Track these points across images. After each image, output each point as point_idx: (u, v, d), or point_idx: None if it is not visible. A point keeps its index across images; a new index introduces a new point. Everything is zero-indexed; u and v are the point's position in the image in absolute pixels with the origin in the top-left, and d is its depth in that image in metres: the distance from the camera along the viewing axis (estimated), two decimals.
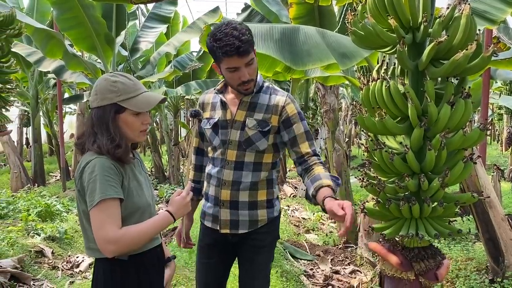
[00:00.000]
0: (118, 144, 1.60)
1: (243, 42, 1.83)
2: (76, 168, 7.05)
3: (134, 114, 1.65)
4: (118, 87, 1.62)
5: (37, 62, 5.79)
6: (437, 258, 1.43)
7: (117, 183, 1.56)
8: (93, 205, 1.51)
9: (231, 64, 1.88)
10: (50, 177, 10.91)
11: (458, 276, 3.58)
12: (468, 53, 1.32)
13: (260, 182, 2.08)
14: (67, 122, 16.73)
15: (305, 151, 1.97)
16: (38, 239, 4.77)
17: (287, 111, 2.00)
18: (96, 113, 1.63)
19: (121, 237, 1.51)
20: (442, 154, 1.35)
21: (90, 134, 1.64)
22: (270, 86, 2.09)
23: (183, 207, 1.70)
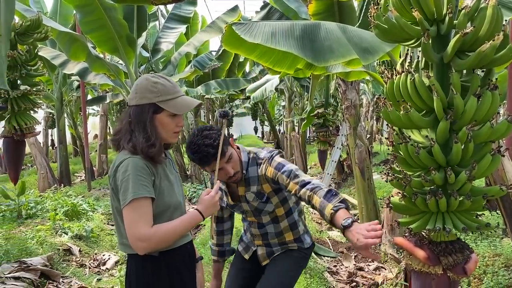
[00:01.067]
0: (153, 143, 1.64)
1: (216, 147, 1.99)
2: (99, 168, 7.14)
3: (171, 116, 1.69)
4: (158, 88, 1.67)
5: (61, 65, 5.91)
6: (465, 252, 1.41)
7: (149, 182, 1.60)
8: (125, 204, 1.55)
9: (214, 167, 2.02)
10: (75, 177, 11.13)
11: (486, 272, 3.52)
12: (495, 44, 1.30)
13: (283, 229, 2.36)
14: (91, 123, 17.03)
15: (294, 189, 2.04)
16: (66, 237, 4.88)
17: (268, 175, 2.17)
18: (134, 111, 1.67)
19: (152, 235, 1.55)
20: (469, 147, 1.33)
21: (127, 131, 1.68)
22: (254, 156, 2.25)
23: (212, 206, 1.73)
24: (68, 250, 4.67)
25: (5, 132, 3.67)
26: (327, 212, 1.74)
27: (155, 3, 3.05)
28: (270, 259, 2.41)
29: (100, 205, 6.80)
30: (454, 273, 1.39)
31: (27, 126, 3.61)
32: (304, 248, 2.41)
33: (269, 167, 2.17)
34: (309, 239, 2.45)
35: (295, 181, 2.05)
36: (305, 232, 2.45)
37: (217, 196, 1.75)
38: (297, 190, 2.01)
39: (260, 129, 26.62)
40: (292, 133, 11.25)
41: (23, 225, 5.19)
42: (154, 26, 9.10)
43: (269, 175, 2.16)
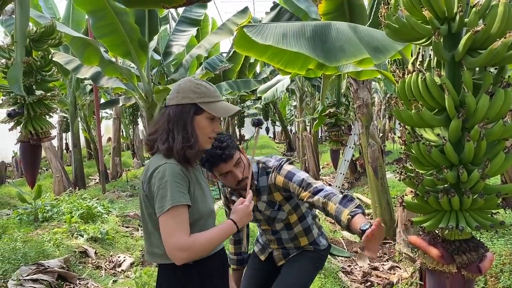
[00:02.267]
0: (192, 145, 1.62)
1: (224, 149, 2.02)
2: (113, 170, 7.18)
3: (209, 119, 1.67)
4: (201, 90, 1.67)
5: (75, 70, 5.99)
6: (480, 250, 1.40)
7: (185, 189, 1.57)
8: (163, 211, 1.51)
9: (222, 170, 2.07)
10: (89, 180, 11.25)
11: (503, 271, 3.48)
12: (507, 41, 1.30)
13: (297, 234, 2.35)
14: (104, 126, 17.21)
15: (307, 198, 2.04)
16: (82, 240, 4.94)
17: (278, 183, 2.17)
18: (174, 110, 1.65)
19: (191, 245, 1.52)
20: (482, 145, 1.33)
21: (164, 131, 1.64)
22: (263, 166, 2.26)
23: (246, 216, 1.71)
24: (84, 252, 4.72)
25: (21, 137, 3.74)
26: (344, 218, 1.75)
27: (166, 7, 3.08)
28: (286, 260, 2.41)
29: (115, 207, 6.87)
30: (468, 272, 1.39)
31: (43, 130, 3.67)
32: (320, 250, 2.42)
33: (278, 176, 2.17)
34: (324, 241, 2.45)
35: (308, 190, 2.05)
36: (319, 234, 2.44)
37: (251, 206, 1.73)
38: (310, 198, 2.01)
39: (272, 130, 26.61)
40: (304, 133, 11.22)
41: (40, 228, 5.27)
42: (165, 30, 9.17)
43: (279, 184, 2.16)
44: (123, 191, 8.90)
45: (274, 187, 2.21)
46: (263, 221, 2.35)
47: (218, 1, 17.25)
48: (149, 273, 4.28)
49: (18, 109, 3.65)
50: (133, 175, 11.02)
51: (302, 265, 2.35)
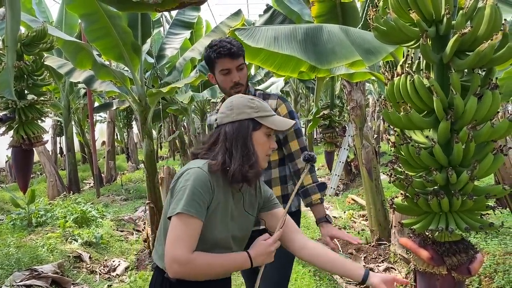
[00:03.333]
0: (253, 164, 1.54)
1: (234, 46, 2.08)
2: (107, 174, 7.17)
3: (266, 135, 1.60)
4: (256, 104, 1.60)
5: (68, 74, 5.96)
6: (470, 252, 1.41)
7: (204, 202, 1.48)
8: (173, 214, 1.45)
9: (223, 65, 2.08)
10: (84, 184, 11.21)
11: (497, 271, 3.49)
12: (493, 44, 1.30)
13: (272, 180, 2.23)
14: (98, 130, 17.17)
15: (295, 149, 2.16)
16: (76, 244, 4.93)
17: (280, 112, 2.16)
18: (231, 127, 1.56)
19: (189, 262, 1.42)
20: (470, 147, 1.33)
21: (220, 151, 1.55)
22: (262, 93, 2.27)
23: (265, 255, 1.57)
24: (78, 257, 4.71)
25: (13, 142, 3.71)
26: (314, 198, 2.11)
27: (159, 10, 3.07)
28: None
29: (109, 212, 6.85)
30: (458, 273, 1.39)
31: (35, 135, 3.65)
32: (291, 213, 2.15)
33: (283, 105, 2.18)
34: (297, 201, 2.32)
35: (299, 139, 2.14)
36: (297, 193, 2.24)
37: (274, 246, 1.58)
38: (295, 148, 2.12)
39: None
40: None
41: (34, 233, 5.25)
42: (159, 33, 9.17)
43: (281, 112, 2.15)
44: (118, 195, 8.88)
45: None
46: None
47: (212, 3, 17.26)
48: (144, 277, 4.27)
49: (9, 113, 3.63)
50: (128, 178, 10.99)
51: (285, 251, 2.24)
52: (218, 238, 1.54)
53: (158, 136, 18.43)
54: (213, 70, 2.16)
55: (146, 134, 5.13)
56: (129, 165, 13.55)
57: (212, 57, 2.09)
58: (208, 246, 1.51)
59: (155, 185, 5.03)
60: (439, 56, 1.44)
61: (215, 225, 1.53)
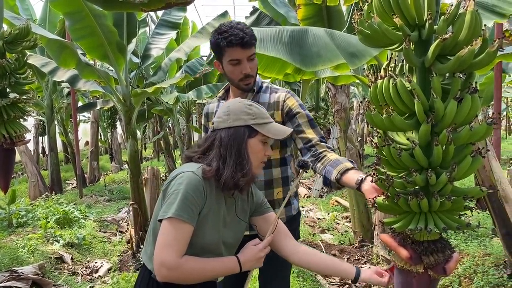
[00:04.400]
0: (246, 172, 1.52)
1: (247, 34, 1.90)
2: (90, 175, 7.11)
3: (262, 142, 1.59)
4: (254, 111, 1.58)
5: (51, 72, 5.90)
6: (447, 252, 1.45)
7: (196, 207, 1.47)
8: (164, 217, 1.44)
9: (234, 55, 1.92)
10: (66, 184, 11.09)
11: (476, 272, 3.57)
12: (472, 49, 1.34)
13: (274, 180, 2.11)
14: (82, 130, 16.97)
15: (312, 136, 1.99)
16: (58, 245, 4.87)
17: (288, 104, 2.05)
18: (226, 133, 1.55)
19: (178, 266, 1.42)
20: (450, 149, 1.36)
21: (215, 156, 1.54)
22: (269, 85, 2.14)
23: (254, 260, 1.57)
24: (60, 258, 4.66)
25: None
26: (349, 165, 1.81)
27: (145, 10, 3.07)
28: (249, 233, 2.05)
29: (92, 212, 6.78)
30: (434, 272, 1.43)
31: (17, 134, 3.60)
32: (292, 216, 2.20)
33: (291, 98, 2.07)
34: (297, 203, 2.26)
35: (315, 129, 2.00)
36: (294, 195, 2.26)
37: (264, 251, 1.59)
38: (314, 139, 1.96)
39: None
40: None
41: (14, 234, 5.17)
42: (144, 32, 9.13)
43: (290, 104, 2.04)
44: (101, 196, 8.79)
45: (277, 106, 2.05)
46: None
47: (199, 4, 17.26)
48: (127, 278, 4.24)
49: None
50: (111, 179, 10.89)
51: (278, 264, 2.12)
52: (208, 243, 1.54)
53: (142, 137, 18.32)
54: (220, 58, 1.98)
55: (130, 135, 5.11)
56: (113, 165, 13.43)
57: (221, 45, 1.91)
58: (197, 250, 1.52)
59: (138, 186, 5.00)
60: (421, 60, 1.47)
61: (205, 231, 1.53)
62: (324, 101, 10.32)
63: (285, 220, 2.14)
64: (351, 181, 1.76)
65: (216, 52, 1.99)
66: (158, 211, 1.52)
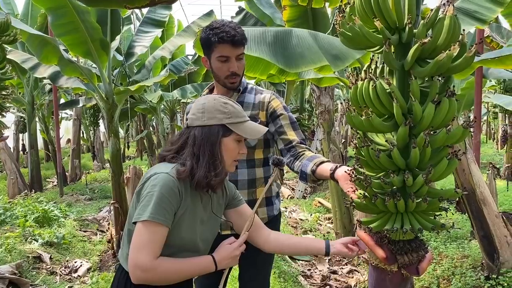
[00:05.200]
0: (219, 172, 1.51)
1: (239, 33, 1.93)
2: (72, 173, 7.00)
3: (237, 141, 1.58)
4: (229, 109, 1.56)
5: (32, 69, 5.80)
6: (420, 252, 1.48)
7: (171, 209, 1.46)
8: (138, 220, 1.43)
9: (223, 52, 1.94)
10: (47, 182, 10.93)
11: (454, 273, 3.62)
12: (451, 54, 1.36)
13: (257, 180, 2.13)
14: (63, 127, 16.73)
15: (293, 138, 2.05)
16: (36, 244, 4.79)
17: (273, 105, 2.09)
18: (200, 132, 1.53)
19: (153, 268, 1.42)
20: (427, 151, 1.39)
21: (188, 155, 1.52)
22: (254, 87, 2.18)
23: (230, 259, 1.57)
24: (38, 257, 4.58)
25: None
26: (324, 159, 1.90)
27: (129, 7, 3.04)
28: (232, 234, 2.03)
29: (73, 211, 6.70)
30: (407, 272, 1.46)
31: None
32: (273, 216, 2.21)
33: (276, 99, 2.11)
34: (278, 204, 2.26)
35: (296, 131, 2.06)
36: (276, 195, 2.27)
37: (239, 249, 1.60)
38: (295, 141, 2.02)
39: None
40: None
41: None
42: (129, 30, 9.04)
43: (274, 105, 2.08)
44: (82, 195, 8.69)
45: (262, 106, 2.09)
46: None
47: (185, 3, 17.18)
48: (107, 278, 4.19)
49: None
50: (93, 178, 10.77)
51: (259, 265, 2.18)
52: (185, 242, 1.54)
53: (125, 135, 18.15)
54: (209, 54, 2.00)
55: (113, 133, 5.05)
56: (95, 164, 13.28)
57: (212, 40, 1.93)
58: (174, 250, 1.51)
59: (120, 185, 4.95)
60: (401, 63, 1.48)
61: (182, 230, 1.52)
62: (308, 103, 10.37)
63: (266, 220, 2.16)
64: (325, 171, 1.82)
65: (205, 47, 2.02)
66: (133, 213, 1.51)
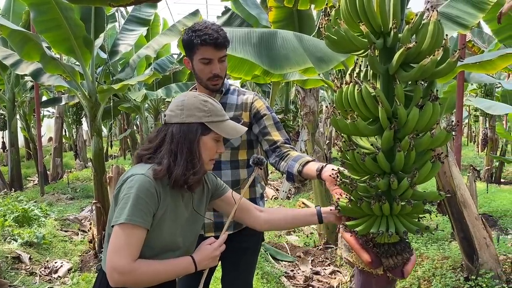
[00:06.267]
0: (197, 170, 1.50)
1: (221, 36, 1.94)
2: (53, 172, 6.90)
3: (215, 140, 1.56)
4: (209, 108, 1.54)
5: (13, 65, 5.69)
6: (405, 254, 1.49)
7: (149, 210, 1.44)
8: (116, 223, 1.42)
9: (205, 54, 1.94)
10: (27, 181, 10.74)
11: (435, 274, 3.67)
12: (435, 59, 1.38)
13: (241, 180, 2.12)
14: (45, 125, 16.46)
15: (277, 139, 2.05)
16: (15, 244, 4.70)
17: (256, 105, 2.10)
18: (178, 129, 1.51)
19: (131, 271, 1.40)
20: (411, 155, 1.40)
21: (166, 152, 1.50)
22: (237, 88, 2.18)
23: (210, 259, 1.57)
24: (17, 258, 4.50)
25: None
26: (309, 158, 1.89)
27: (113, 5, 3.00)
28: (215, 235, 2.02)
29: (54, 211, 6.59)
30: (393, 275, 1.47)
31: None
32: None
33: (259, 100, 2.11)
34: (262, 204, 2.26)
35: (280, 132, 2.06)
36: (260, 196, 2.26)
37: (219, 250, 1.59)
38: (279, 141, 2.02)
39: None
40: None
41: None
42: (113, 28, 8.95)
43: (257, 106, 2.08)
44: (64, 194, 8.55)
45: (245, 107, 2.09)
46: None
47: (171, 2, 17.09)
48: (88, 279, 4.14)
49: None
50: (75, 177, 10.62)
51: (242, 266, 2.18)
52: (167, 242, 1.52)
53: (108, 134, 17.94)
54: (191, 55, 2.00)
55: (95, 132, 4.99)
56: (77, 163, 13.08)
57: (195, 42, 1.93)
58: (157, 251, 1.50)
59: (102, 185, 4.89)
60: (386, 67, 1.50)
61: (164, 231, 1.51)
62: (293, 104, 10.40)
63: None
64: (312, 171, 1.83)
65: (187, 49, 2.01)
66: (111, 217, 1.49)
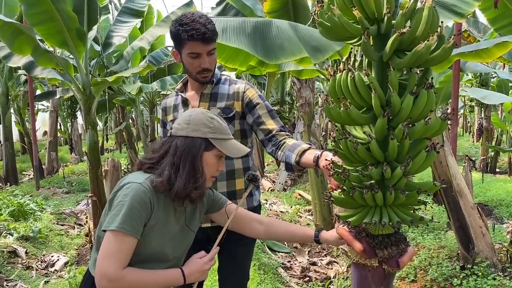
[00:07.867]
0: (199, 185, 1.51)
1: (209, 30, 1.91)
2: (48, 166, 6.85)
3: (217, 157, 1.58)
4: (215, 125, 1.57)
5: (6, 58, 5.62)
6: (401, 246, 1.47)
7: (141, 219, 1.46)
8: (107, 229, 1.43)
9: (194, 49, 1.93)
10: (23, 176, 10.70)
11: (431, 264, 3.67)
12: (429, 44, 1.35)
13: (236, 170, 2.12)
14: (40, 119, 16.36)
15: (272, 127, 2.04)
16: (11, 239, 4.69)
17: (248, 95, 2.08)
18: (183, 142, 1.54)
19: (119, 279, 1.41)
20: (405, 144, 1.38)
21: (168, 164, 1.52)
22: (228, 78, 2.17)
23: (199, 273, 1.58)
24: (13, 252, 4.49)
25: None
26: (305, 146, 1.89)
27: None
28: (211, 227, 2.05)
29: (49, 205, 6.57)
30: (388, 266, 1.45)
31: None
32: (253, 208, 2.18)
33: (251, 89, 2.10)
34: (258, 195, 2.27)
35: (275, 119, 2.05)
36: (256, 187, 2.26)
37: (209, 264, 1.60)
38: (275, 129, 2.01)
39: None
40: None
41: None
42: (107, 19, 8.85)
43: (250, 95, 2.07)
44: (59, 188, 8.53)
45: (237, 96, 2.08)
46: None
47: None
48: (84, 272, 4.13)
49: None
50: (71, 171, 10.59)
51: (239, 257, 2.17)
52: (153, 252, 1.53)
53: (104, 128, 17.85)
54: (180, 49, 1.99)
55: (90, 125, 4.95)
56: (73, 156, 13.04)
57: (182, 37, 1.91)
58: (142, 258, 1.51)
59: (98, 178, 4.87)
60: (380, 54, 1.47)
61: (152, 241, 1.52)
62: (289, 96, 10.37)
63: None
64: (309, 160, 1.83)
65: (175, 42, 2.00)
66: (104, 220, 1.50)
